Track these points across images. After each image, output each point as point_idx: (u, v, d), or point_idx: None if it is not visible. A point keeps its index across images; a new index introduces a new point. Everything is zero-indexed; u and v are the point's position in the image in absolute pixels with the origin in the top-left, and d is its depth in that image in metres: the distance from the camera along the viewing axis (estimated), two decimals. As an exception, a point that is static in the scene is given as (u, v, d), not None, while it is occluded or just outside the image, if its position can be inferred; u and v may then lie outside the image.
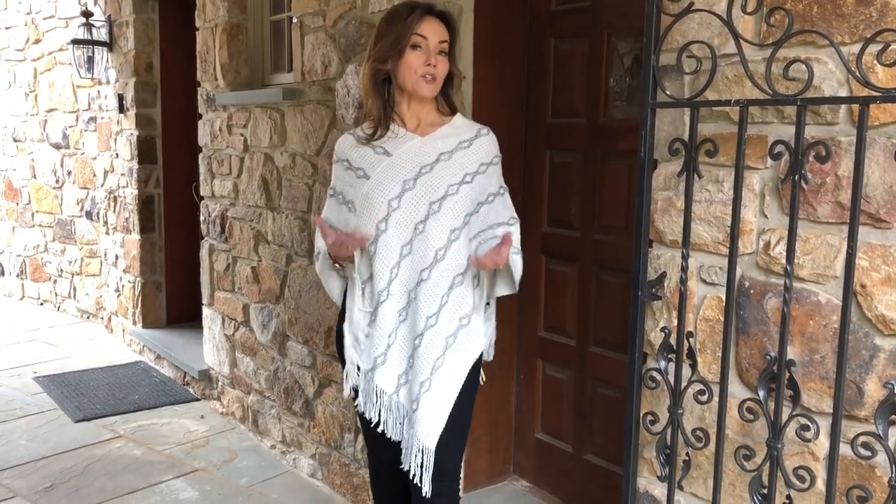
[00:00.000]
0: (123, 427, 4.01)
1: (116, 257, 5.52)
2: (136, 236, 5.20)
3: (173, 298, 5.26)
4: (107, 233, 5.68)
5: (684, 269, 1.82)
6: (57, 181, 6.38)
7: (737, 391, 1.79)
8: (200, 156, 4.25)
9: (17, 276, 6.91)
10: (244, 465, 3.57)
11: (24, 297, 6.89)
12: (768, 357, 1.68)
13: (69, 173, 6.24)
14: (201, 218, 4.29)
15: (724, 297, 1.80)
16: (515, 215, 2.17)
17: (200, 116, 4.23)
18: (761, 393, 1.67)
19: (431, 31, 1.99)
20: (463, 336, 2.05)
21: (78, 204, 6.19)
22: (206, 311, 4.32)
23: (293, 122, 3.43)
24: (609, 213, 2.65)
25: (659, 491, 1.98)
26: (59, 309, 6.53)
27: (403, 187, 2.01)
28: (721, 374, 1.75)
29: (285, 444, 3.64)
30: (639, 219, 1.89)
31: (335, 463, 3.28)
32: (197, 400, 4.42)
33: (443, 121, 2.09)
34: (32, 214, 6.68)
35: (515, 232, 2.14)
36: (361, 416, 2.11)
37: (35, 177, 6.62)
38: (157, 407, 4.30)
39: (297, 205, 3.42)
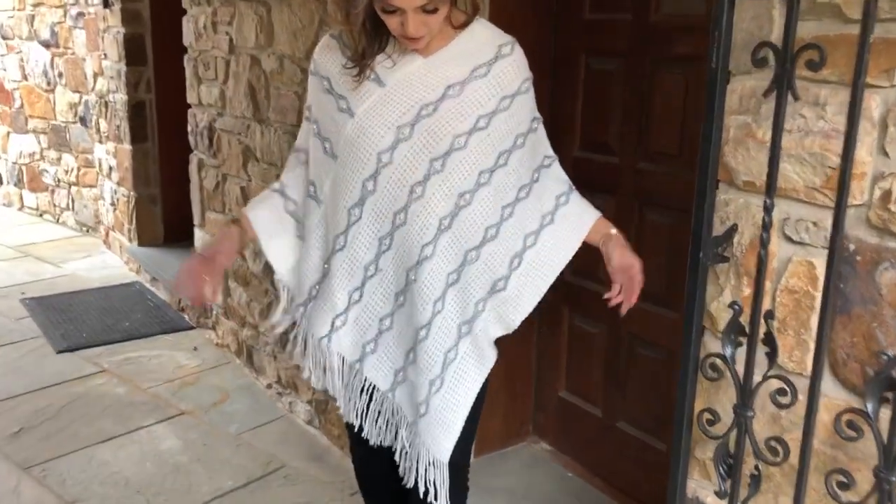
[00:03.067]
0: (109, 360, 3.67)
1: (110, 168, 5.10)
2: (127, 146, 4.76)
3: (171, 214, 4.84)
4: (100, 141, 5.24)
5: (767, 223, 1.33)
6: (48, 83, 5.92)
7: (828, 389, 1.33)
8: (186, 57, 3.74)
9: (15, 184, 6.55)
10: (235, 409, 3.22)
11: (22, 207, 6.54)
12: (884, 357, 1.21)
13: (60, 75, 5.76)
14: (189, 128, 3.82)
15: (816, 263, 1.32)
16: (551, 152, 1.69)
17: (185, 12, 3.70)
18: (870, 405, 1.21)
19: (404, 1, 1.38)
20: (482, 323, 1.61)
21: (71, 109, 5.74)
22: (197, 234, 3.91)
23: (280, 18, 2.90)
24: (658, 136, 2.14)
25: (712, 500, 1.55)
26: (58, 221, 6.18)
27: (398, 136, 1.50)
28: (813, 371, 1.28)
29: (281, 386, 3.28)
30: (704, 154, 1.39)
31: (333, 412, 2.90)
32: (192, 328, 4.07)
33: (454, 34, 1.53)
34: (26, 119, 6.25)
35: (557, 170, 1.70)
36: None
37: (26, 78, 6.15)
38: (149, 336, 3.95)
39: (285, 117, 2.94)
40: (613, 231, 1.66)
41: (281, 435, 3.03)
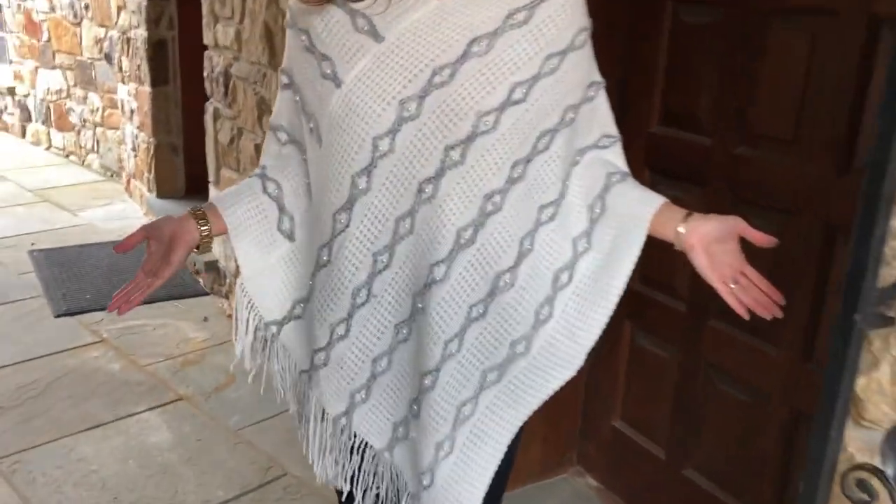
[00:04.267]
0: (109, 328, 3.32)
1: (132, 112, 4.72)
2: (147, 88, 4.35)
3: (193, 164, 4.44)
4: (122, 81, 4.85)
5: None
6: (75, 15, 5.53)
7: None
8: (203, -9, 3.30)
9: (43, 122, 6.24)
10: (239, 396, 2.85)
11: (50, 146, 6.24)
12: None
13: (86, 7, 5.36)
14: (205, 73, 3.38)
15: None
16: (613, 130, 1.23)
17: (204, -62, 3.24)
18: None
19: None
20: (518, 371, 1.20)
21: (97, 44, 5.35)
22: (212, 192, 3.51)
23: (300, -53, 2.41)
24: (766, 113, 1.63)
25: None
26: (83, 163, 5.86)
27: (401, 113, 1.08)
28: None
29: (292, 372, 2.88)
30: (878, 158, 0.90)
31: (345, 413, 2.50)
32: (205, 294, 3.70)
33: None
34: (53, 54, 5.89)
35: (616, 155, 1.25)
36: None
37: (53, 9, 5.77)
38: (157, 301, 3.58)
39: (303, 67, 2.47)
40: (684, 216, 1.16)
41: (286, 433, 2.64)
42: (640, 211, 1.18)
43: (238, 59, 3.01)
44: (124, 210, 4.90)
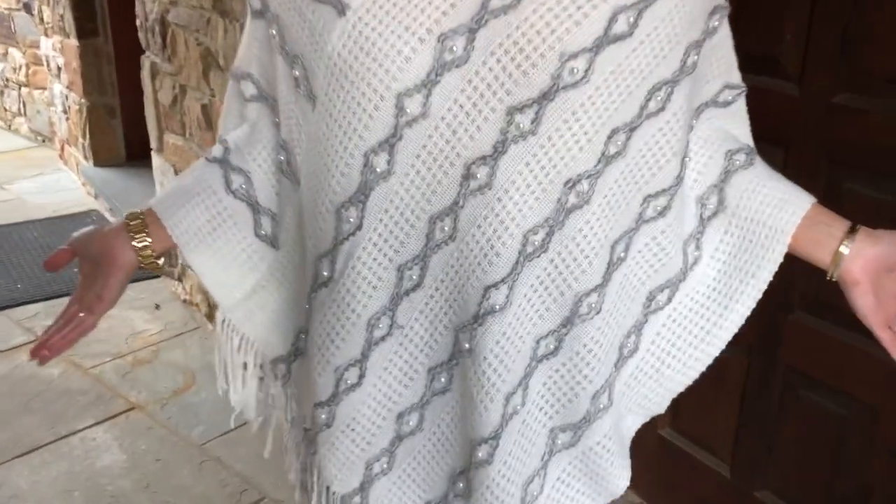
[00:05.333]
0: (46, 323, 2.88)
1: (59, 69, 4.17)
2: (73, 41, 3.82)
3: (133, 128, 3.93)
4: (45, 34, 4.29)
5: None
6: (-13, -40, 4.90)
7: None
8: (129, -78, 2.78)
9: (-39, 84, 5.61)
10: (202, 400, 2.45)
11: (-29, 110, 5.64)
12: None
13: (-1, -51, 4.75)
14: (137, 22, 2.89)
15: None
16: (737, 78, 0.89)
17: None
18: None
19: None
20: (601, 437, 0.88)
21: (14, -8, 4.75)
22: (155, 161, 3.06)
23: None
24: (878, 50, 1.25)
25: None
26: (10, 128, 5.30)
27: (440, 55, 0.74)
28: None
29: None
30: None
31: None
32: (156, 276, 3.26)
33: None
34: (-35, 5, 5.26)
35: (741, 114, 0.90)
36: None
37: (-39, -46, 5.12)
38: (101, 287, 3.14)
39: (257, 9, 2.02)
40: (846, 230, 0.82)
41: (261, 446, 2.25)
42: (779, 218, 0.83)
43: (176, 2, 2.53)
44: (59, 181, 4.38)
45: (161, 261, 0.88)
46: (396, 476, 0.91)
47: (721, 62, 0.86)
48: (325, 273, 0.83)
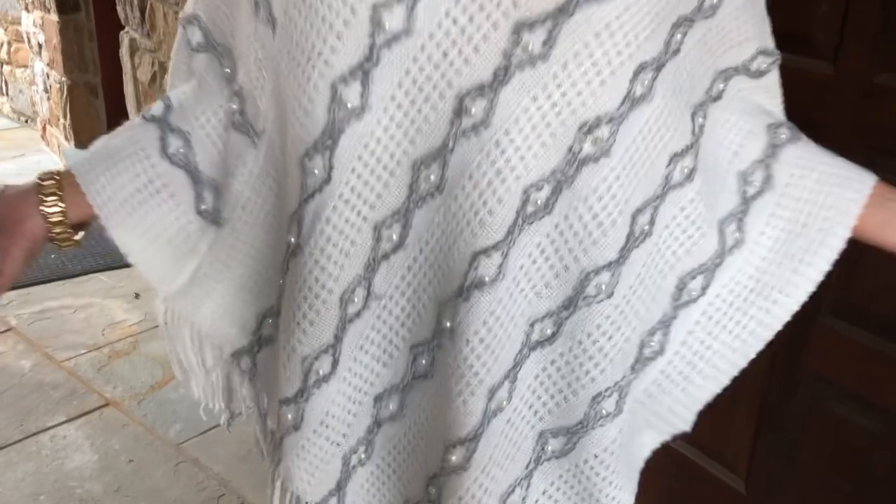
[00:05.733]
0: (19, 312, 2.75)
1: (40, 46, 4.02)
2: (54, 17, 3.66)
3: (116, 107, 3.77)
4: (26, 9, 4.13)
5: None
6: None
7: None
8: None
9: (-58, 61, 5.44)
10: (181, 396, 2.32)
11: (-48, 89, 5.46)
12: None
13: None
14: (116, -6, 2.75)
15: None
16: (772, 45, 0.77)
17: None
18: None
19: None
20: (601, 449, 0.74)
21: (-6, -35, 4.57)
22: (135, 142, 2.91)
23: None
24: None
25: None
26: (-8, 108, 5.13)
27: None
28: None
29: (245, 364, 2.37)
30: None
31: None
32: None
33: None
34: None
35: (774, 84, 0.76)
36: None
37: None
38: (81, 275, 3.01)
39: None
40: None
41: (240, 446, 2.14)
42: (840, 197, 0.71)
43: (155, -27, 2.39)
44: (40, 162, 4.23)
45: (79, 235, 0.74)
46: (375, 465, 0.79)
47: (754, 21, 0.74)
48: (292, 239, 0.70)
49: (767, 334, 0.74)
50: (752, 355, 0.75)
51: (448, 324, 0.68)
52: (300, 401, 0.74)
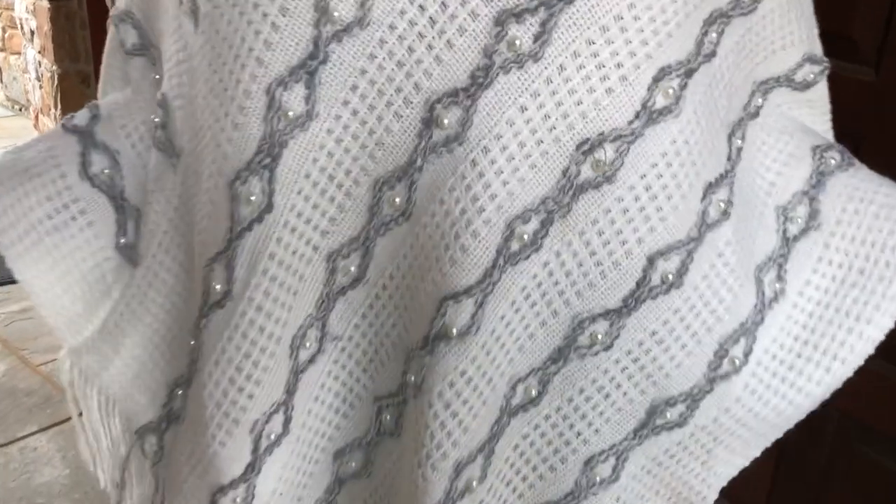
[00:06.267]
0: (6, 310, 2.63)
1: (32, 33, 3.89)
2: (45, 3, 3.53)
3: (109, 97, 3.68)
4: (18, -5, 4.01)
5: None
6: (-39, -85, 4.61)
7: None
8: None
9: (-63, 47, 5.33)
10: (161, 406, 2.20)
11: (-53, 75, 5.36)
12: None
13: None
14: (103, -19, 2.61)
15: None
16: (820, 51, 0.64)
17: None
18: None
19: None
20: None
21: (-11, -50, 4.46)
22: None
23: None
24: None
25: None
26: (-14, 95, 5.02)
27: None
28: None
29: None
30: None
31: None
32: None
33: None
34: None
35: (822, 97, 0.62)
36: None
37: None
38: (63, 272, 2.89)
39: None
40: None
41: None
42: None
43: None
44: (31, 153, 4.12)
45: None
46: None
47: (800, 20, 0.61)
48: (219, 286, 0.56)
49: (811, 405, 0.61)
50: (788, 427, 0.63)
51: (412, 378, 0.56)
52: (251, 476, 0.60)
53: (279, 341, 0.56)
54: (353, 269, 0.55)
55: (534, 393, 0.57)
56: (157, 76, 0.60)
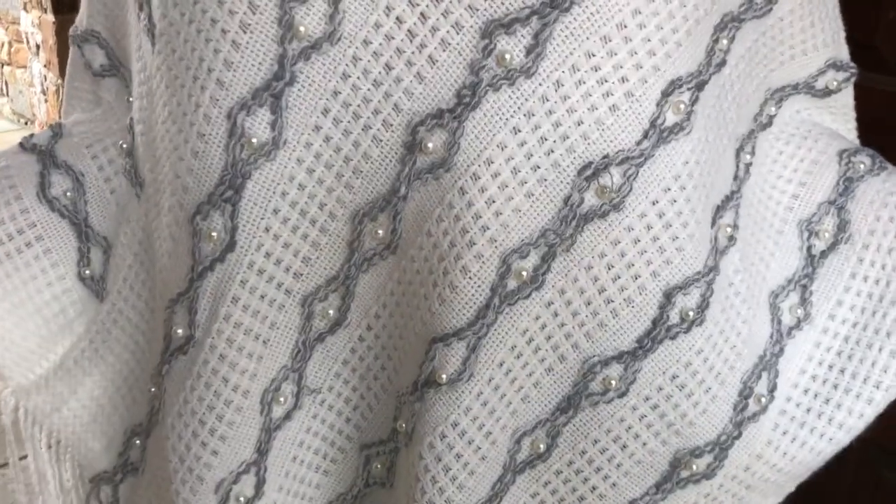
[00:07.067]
0: None
1: (37, 47, 3.89)
2: (50, 17, 3.53)
3: (113, 111, 3.67)
4: (24, 9, 4.01)
5: None
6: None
7: None
8: None
9: (-56, 60, 5.34)
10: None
11: (-47, 89, 5.36)
12: None
13: (-19, -82, 4.47)
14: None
15: None
16: (846, 55, 0.60)
17: None
18: None
19: None
20: None
21: (-4, -37, 4.48)
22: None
23: None
24: None
25: None
26: (-8, 109, 5.02)
27: None
28: None
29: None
30: None
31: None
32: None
33: None
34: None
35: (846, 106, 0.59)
36: None
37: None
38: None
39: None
40: None
41: None
42: None
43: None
44: (35, 166, 4.11)
45: None
46: None
47: (824, 22, 0.56)
48: (180, 331, 0.52)
49: (848, 439, 0.56)
50: (818, 465, 0.58)
51: (403, 425, 0.52)
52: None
53: (247, 394, 0.52)
54: (331, 312, 0.51)
55: (542, 447, 0.52)
56: (130, 98, 0.57)
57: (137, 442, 0.60)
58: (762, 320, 0.54)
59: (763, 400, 0.53)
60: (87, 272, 0.58)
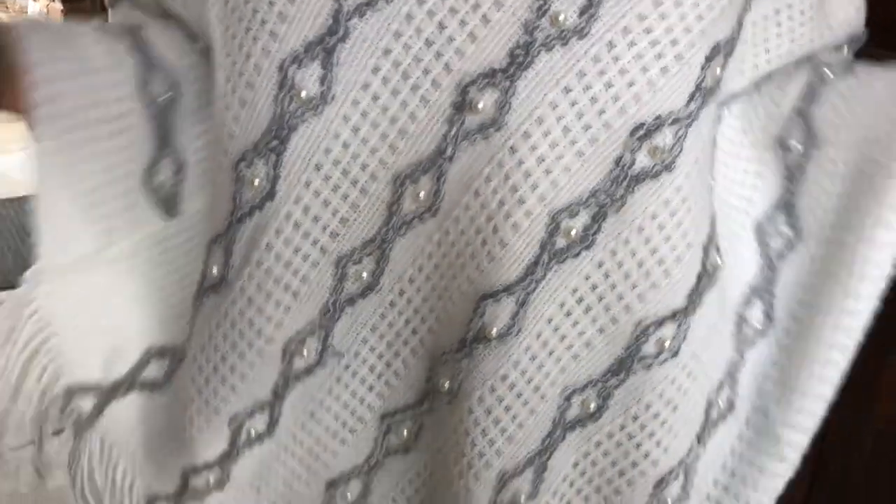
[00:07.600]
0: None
1: (46, 34, 3.92)
2: (58, 4, 3.56)
3: (122, 99, 3.70)
4: (33, -4, 4.04)
5: None
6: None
7: None
8: None
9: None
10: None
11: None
12: None
13: None
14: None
15: None
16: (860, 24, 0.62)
17: None
18: None
19: None
20: None
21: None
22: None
23: None
24: None
25: None
26: (1, 98, 5.06)
27: None
28: None
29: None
30: None
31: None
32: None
33: None
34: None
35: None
36: None
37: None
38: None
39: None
40: None
41: None
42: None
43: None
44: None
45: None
46: None
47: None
48: (216, 270, 0.53)
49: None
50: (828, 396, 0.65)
51: (446, 384, 0.52)
52: (226, 462, 0.58)
53: (270, 341, 0.53)
54: (365, 275, 0.52)
55: (592, 406, 0.54)
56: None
57: (162, 362, 0.59)
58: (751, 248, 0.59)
59: (758, 325, 0.59)
60: (158, 181, 0.55)
